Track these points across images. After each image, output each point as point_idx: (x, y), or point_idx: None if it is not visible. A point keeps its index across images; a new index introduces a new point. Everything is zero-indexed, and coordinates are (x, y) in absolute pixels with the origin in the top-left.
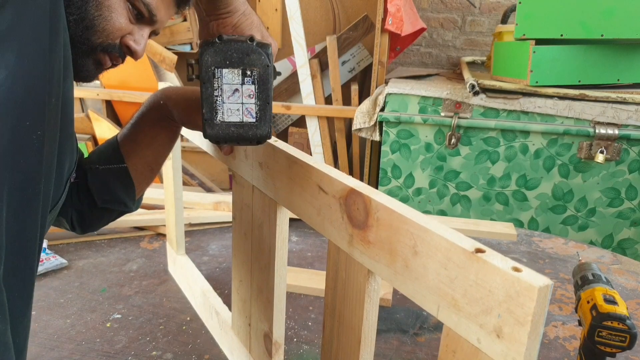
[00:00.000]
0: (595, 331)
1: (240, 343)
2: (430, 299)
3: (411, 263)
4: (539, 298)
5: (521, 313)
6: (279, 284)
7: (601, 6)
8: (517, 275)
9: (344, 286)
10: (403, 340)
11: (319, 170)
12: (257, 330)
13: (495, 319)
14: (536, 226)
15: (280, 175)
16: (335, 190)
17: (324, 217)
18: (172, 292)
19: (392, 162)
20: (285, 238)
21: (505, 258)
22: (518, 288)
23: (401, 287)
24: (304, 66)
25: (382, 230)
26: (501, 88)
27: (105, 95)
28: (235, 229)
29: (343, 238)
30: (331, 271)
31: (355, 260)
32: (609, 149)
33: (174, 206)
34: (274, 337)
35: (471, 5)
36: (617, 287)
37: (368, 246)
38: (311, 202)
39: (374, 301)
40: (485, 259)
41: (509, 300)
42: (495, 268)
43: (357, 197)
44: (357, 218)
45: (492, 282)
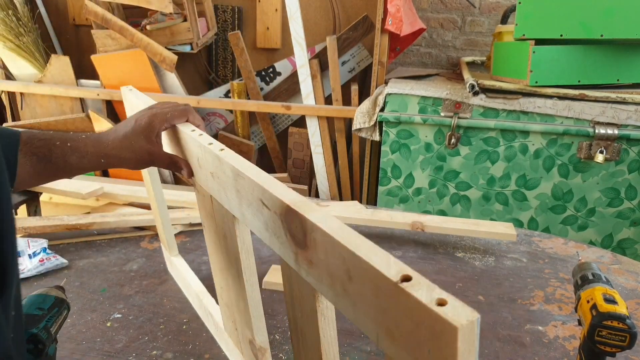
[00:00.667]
0: (595, 331)
1: (233, 345)
2: (370, 326)
3: (348, 288)
4: (463, 337)
5: (448, 352)
6: (251, 293)
7: (601, 6)
8: (438, 311)
9: (300, 303)
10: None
11: (258, 184)
12: (242, 335)
13: (427, 354)
14: (536, 226)
15: (230, 187)
16: (275, 206)
17: (272, 232)
18: (172, 291)
19: (392, 162)
20: (249, 249)
21: (433, 286)
22: (441, 326)
23: (344, 311)
24: (304, 66)
25: (320, 252)
26: (501, 88)
27: (106, 95)
28: (206, 237)
29: (290, 256)
30: (287, 287)
31: (303, 279)
32: (609, 149)
33: (157, 208)
34: (257, 343)
35: (471, 5)
36: (617, 286)
37: (311, 266)
38: (258, 216)
39: (329, 319)
40: (408, 290)
41: (434, 337)
42: (418, 302)
43: (294, 215)
44: (297, 237)
45: (417, 316)
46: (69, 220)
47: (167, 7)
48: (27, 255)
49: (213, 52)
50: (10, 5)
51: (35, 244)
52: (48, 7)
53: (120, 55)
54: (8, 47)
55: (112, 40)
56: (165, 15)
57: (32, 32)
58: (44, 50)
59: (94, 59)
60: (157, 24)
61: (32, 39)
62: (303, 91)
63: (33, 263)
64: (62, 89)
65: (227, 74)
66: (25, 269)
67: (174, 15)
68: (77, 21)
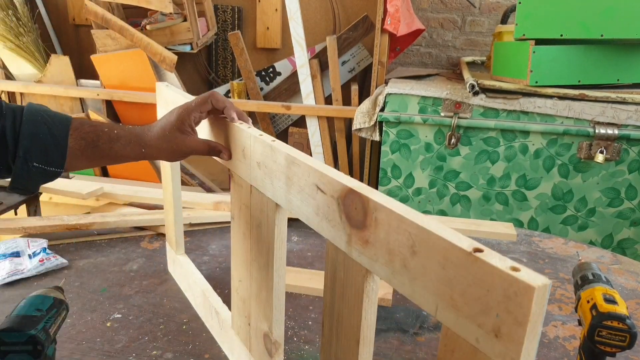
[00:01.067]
0: (595, 331)
1: (240, 342)
2: (429, 298)
3: (409, 263)
4: (537, 298)
5: (519, 313)
6: (278, 283)
7: (601, 6)
8: (515, 275)
9: (342, 286)
10: (403, 340)
11: (317, 169)
12: (256, 330)
13: (494, 318)
14: (536, 226)
15: (279, 174)
16: (333, 190)
17: (322, 217)
18: (172, 291)
19: (392, 162)
20: (284, 238)
21: (504, 257)
22: (516, 288)
23: (400, 287)
24: (304, 66)
25: (380, 230)
26: (501, 88)
27: (106, 95)
28: (234, 228)
29: (341, 238)
30: (329, 271)
31: (353, 260)
32: (609, 149)
33: (172, 206)
34: (273, 337)
35: (471, 5)
36: (617, 287)
37: (366, 246)
38: (309, 202)
39: (372, 301)
40: (483, 258)
41: (507, 300)
42: (494, 268)
43: (356, 197)
44: (356, 218)
45: (490, 281)
46: (69, 220)
47: (167, 7)
48: (27, 255)
49: (213, 52)
50: (10, 5)
51: (35, 244)
52: (48, 7)
53: (120, 55)
54: (8, 47)
55: (112, 40)
56: (165, 15)
57: (32, 32)
58: (44, 50)
59: (93, 59)
60: (157, 24)
61: (32, 39)
62: (303, 91)
63: (33, 263)
64: (62, 88)
65: (227, 74)
66: (25, 269)
67: (174, 15)
68: (77, 21)
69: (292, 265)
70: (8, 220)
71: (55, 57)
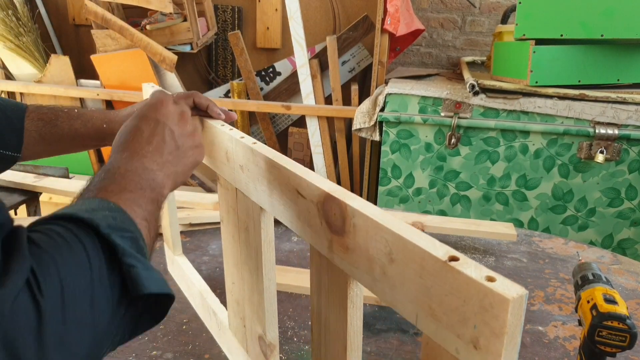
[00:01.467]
0: (596, 331)
1: (238, 344)
2: (409, 307)
3: (388, 270)
4: (513, 309)
5: (496, 325)
6: (268, 286)
7: (601, 6)
8: (489, 285)
9: (327, 291)
10: (403, 340)
11: (296, 174)
12: (251, 331)
13: (472, 329)
14: (536, 226)
15: (261, 178)
16: (312, 195)
17: (304, 222)
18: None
19: (392, 162)
20: (271, 241)
21: (480, 266)
22: (491, 299)
23: (381, 294)
24: (304, 66)
25: (359, 237)
26: (501, 88)
27: (105, 95)
28: (224, 231)
29: (323, 244)
30: (314, 276)
31: (335, 266)
32: (609, 149)
33: (166, 206)
34: (267, 339)
35: (471, 5)
36: (617, 287)
37: (347, 252)
38: (291, 206)
39: (357, 306)
40: (458, 268)
41: (483, 311)
42: (468, 278)
43: (334, 202)
44: (335, 224)
45: (465, 292)
46: None
47: (167, 7)
48: None
49: (213, 52)
50: (10, 5)
51: None
52: (48, 7)
53: (120, 55)
54: (8, 47)
55: (112, 40)
56: (165, 15)
57: (32, 32)
58: (44, 50)
59: (93, 59)
60: (157, 24)
61: (32, 39)
62: (303, 91)
63: None
64: (62, 88)
65: (227, 73)
66: None
67: (174, 15)
68: (77, 21)
69: (292, 265)
70: None
71: (55, 57)
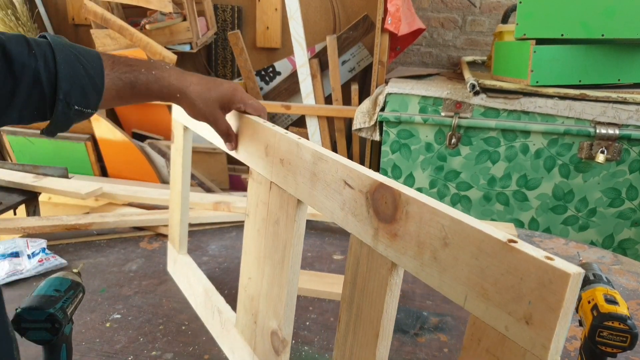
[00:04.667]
0: (596, 331)
1: (244, 342)
2: (458, 289)
3: (440, 255)
4: (572, 285)
5: (553, 299)
6: (291, 280)
7: (602, 6)
8: (550, 263)
9: (364, 280)
10: (403, 341)
11: (346, 165)
12: (263, 328)
13: (526, 306)
14: (537, 226)
15: (304, 171)
16: (362, 185)
17: (348, 211)
18: (172, 292)
19: (392, 162)
20: (302, 234)
21: (537, 248)
22: (551, 275)
23: (427, 278)
24: (304, 66)
25: (410, 223)
26: (502, 88)
27: None
28: (248, 226)
29: (367, 232)
30: (351, 265)
31: (378, 254)
32: (610, 149)
33: (179, 204)
34: (282, 335)
35: (471, 4)
36: (618, 287)
37: (394, 239)
38: (335, 197)
39: (394, 294)
40: (518, 248)
41: (541, 287)
42: (529, 257)
43: (386, 191)
44: (385, 212)
45: (524, 270)
46: (68, 220)
47: (167, 6)
48: (26, 256)
49: (212, 51)
50: (9, 5)
51: (34, 245)
52: (47, 7)
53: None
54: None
55: (111, 40)
56: (165, 15)
57: (31, 31)
58: None
59: None
60: (156, 24)
61: None
62: (303, 91)
63: (32, 263)
64: None
65: (227, 73)
66: (25, 269)
67: (174, 14)
68: (76, 21)
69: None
70: (7, 220)
71: None
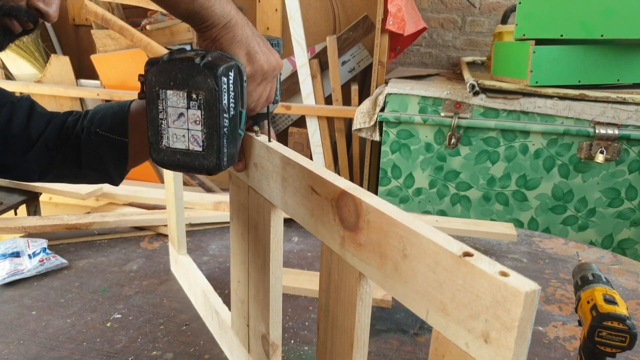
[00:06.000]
0: (595, 331)
1: (239, 343)
2: (420, 302)
3: (401, 266)
4: (526, 303)
5: (508, 318)
6: (274, 285)
7: (601, 6)
8: (503, 280)
9: (336, 288)
10: (403, 341)
11: (311, 171)
12: (255, 331)
13: (483, 323)
14: (536, 226)
15: (275, 175)
16: (327, 192)
17: (317, 218)
18: (173, 292)
19: (392, 162)
20: (280, 239)
21: (494, 262)
22: (504, 293)
23: (391, 290)
24: (304, 66)
25: (372, 233)
26: (501, 88)
27: (106, 95)
28: (232, 229)
29: (335, 240)
30: (324, 273)
31: (347, 263)
32: (609, 149)
33: (174, 206)
34: (270, 338)
35: (471, 5)
36: (617, 287)
37: (359, 248)
38: (304, 203)
39: (366, 304)
40: (472, 263)
41: (495, 305)
42: (482, 272)
43: (348, 198)
44: (349, 220)
45: (479, 286)
46: (68, 220)
47: None
48: (27, 256)
49: None
50: None
51: (35, 244)
52: None
53: (120, 55)
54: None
55: (111, 40)
56: (165, 15)
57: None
58: (44, 50)
59: (93, 59)
60: (156, 24)
61: (32, 39)
62: (303, 91)
63: (33, 263)
64: (62, 88)
65: None
66: (25, 269)
67: None
68: (77, 21)
69: (292, 266)
70: (8, 220)
71: (55, 57)
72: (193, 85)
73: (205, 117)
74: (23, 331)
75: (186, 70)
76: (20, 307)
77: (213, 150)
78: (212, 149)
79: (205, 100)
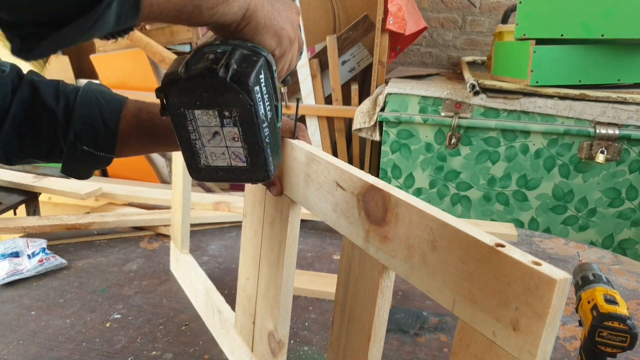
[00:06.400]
0: (596, 331)
1: (242, 342)
2: (447, 293)
3: (429, 258)
4: (558, 290)
5: (539, 305)
6: (287, 281)
7: (601, 6)
8: (536, 268)
9: (356, 282)
10: (403, 341)
11: (338, 167)
12: (261, 329)
13: (513, 311)
14: (536, 226)
15: (297, 172)
16: (353, 187)
17: (340, 213)
18: (172, 292)
19: (392, 162)
20: (296, 235)
21: (525, 253)
22: (537, 281)
23: (417, 282)
24: (304, 66)
25: (400, 226)
26: (501, 88)
27: None
28: (245, 226)
29: (358, 234)
30: (344, 267)
31: (370, 256)
32: (610, 149)
33: (181, 204)
34: (278, 336)
35: (471, 5)
36: (618, 287)
37: (385, 242)
38: (327, 198)
39: (386, 297)
40: (505, 252)
41: (527, 293)
42: (516, 261)
43: (377, 193)
44: (375, 214)
45: (511, 275)
46: (68, 220)
47: None
48: (26, 256)
49: None
50: None
51: (34, 244)
52: None
53: (119, 55)
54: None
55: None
56: None
57: None
58: None
59: (93, 59)
60: (156, 24)
61: None
62: (303, 91)
63: (32, 263)
64: None
65: None
66: (25, 269)
67: None
68: None
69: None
70: (7, 220)
71: (55, 57)
72: (224, 104)
73: (243, 133)
74: (22, 331)
75: (212, 89)
76: (19, 307)
77: (259, 164)
78: (258, 163)
79: (240, 117)
